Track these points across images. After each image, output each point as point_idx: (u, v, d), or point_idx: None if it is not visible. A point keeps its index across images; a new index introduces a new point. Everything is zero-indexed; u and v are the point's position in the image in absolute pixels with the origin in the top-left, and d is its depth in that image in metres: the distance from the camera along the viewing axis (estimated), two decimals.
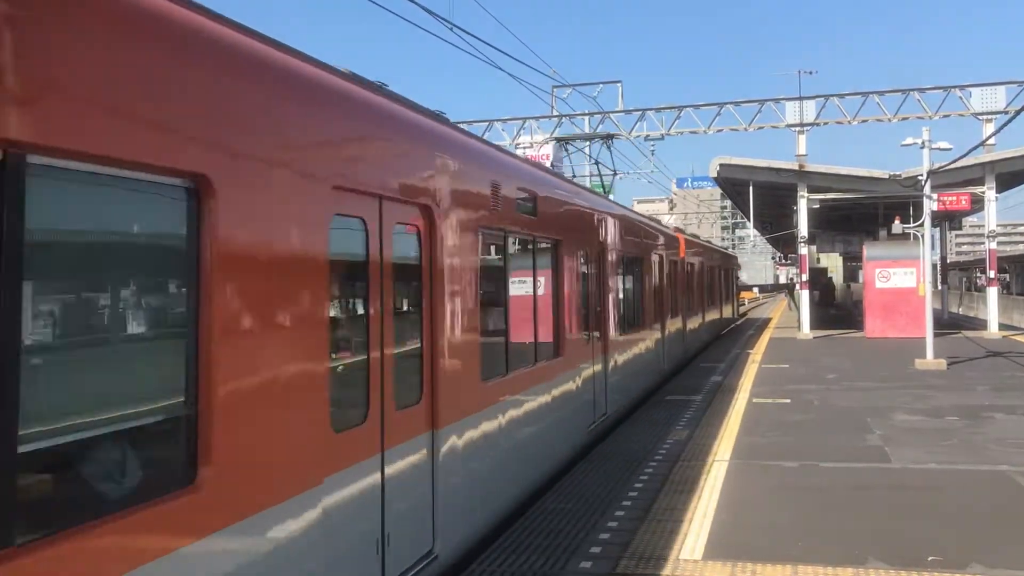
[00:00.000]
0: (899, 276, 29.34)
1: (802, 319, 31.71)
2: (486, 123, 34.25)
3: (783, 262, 66.26)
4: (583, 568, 6.77)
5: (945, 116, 30.09)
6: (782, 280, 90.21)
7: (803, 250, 32.47)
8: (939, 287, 42.95)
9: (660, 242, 18.58)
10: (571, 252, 10.76)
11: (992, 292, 31.72)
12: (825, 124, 31.60)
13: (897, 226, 27.07)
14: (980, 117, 29.89)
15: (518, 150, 33.33)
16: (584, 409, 11.37)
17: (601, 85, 34.95)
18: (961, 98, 29.86)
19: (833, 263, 52.76)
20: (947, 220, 38.11)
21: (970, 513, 8.17)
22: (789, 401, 15.34)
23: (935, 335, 21.44)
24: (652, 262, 17.24)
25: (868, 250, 30.99)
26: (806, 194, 31.47)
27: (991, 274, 31.95)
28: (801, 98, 31.49)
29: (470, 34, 14.72)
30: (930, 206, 22.66)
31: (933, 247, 27.59)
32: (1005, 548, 7.08)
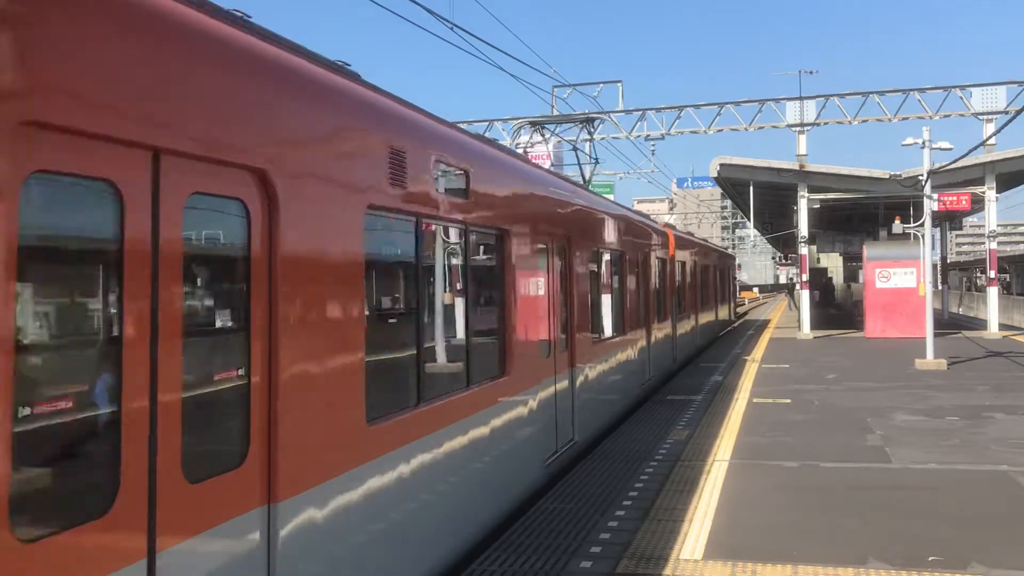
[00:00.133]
0: (899, 276, 29.34)
1: (802, 319, 31.71)
2: (486, 123, 34.24)
3: (783, 262, 66.16)
4: (583, 568, 6.77)
5: (945, 116, 30.08)
6: (782, 280, 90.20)
7: (803, 250, 32.46)
8: (939, 287, 42.93)
9: (645, 238, 16.85)
10: (524, 246, 8.81)
11: (992, 292, 31.72)
12: (825, 124, 31.60)
13: (897, 226, 27.05)
14: (980, 117, 29.89)
15: (518, 150, 33.30)
16: (540, 438, 9.35)
17: (601, 85, 34.94)
18: (961, 98, 29.85)
19: (833, 263, 52.71)
20: (947, 220, 38.15)
21: (970, 513, 8.16)
22: (789, 401, 15.34)
23: (935, 335, 21.43)
24: (635, 260, 15.50)
25: (868, 250, 31.00)
26: (806, 194, 31.47)
27: (991, 274, 31.95)
28: (801, 98, 31.49)
29: (471, 34, 14.73)
30: (930, 206, 22.66)
31: (933, 247, 27.57)
32: (1005, 548, 7.08)
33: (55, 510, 3.20)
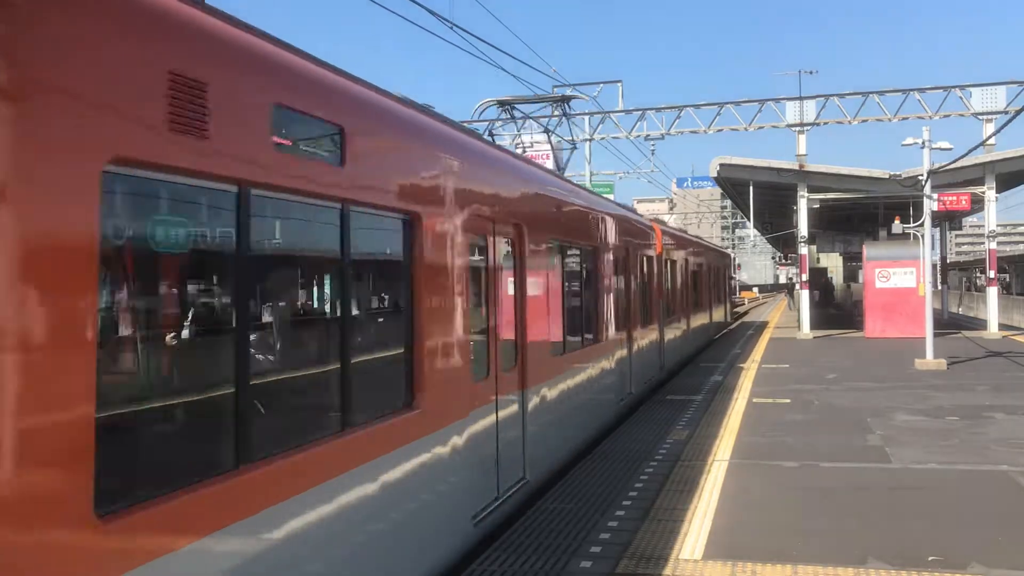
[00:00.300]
0: (899, 276, 29.36)
1: (802, 319, 31.72)
2: (486, 123, 34.22)
3: (783, 262, 66.21)
4: (583, 568, 6.77)
5: (945, 116, 30.06)
6: (782, 280, 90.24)
7: (803, 250, 32.48)
8: (939, 287, 42.95)
9: (627, 233, 14.96)
10: (445, 236, 6.83)
11: (992, 292, 31.73)
12: (825, 124, 31.56)
13: (897, 226, 27.04)
14: (980, 117, 29.87)
15: (517, 149, 33.29)
16: (467, 488, 7.14)
17: (601, 85, 34.97)
18: (961, 98, 29.85)
19: (833, 263, 52.77)
20: (947, 220, 38.16)
21: (970, 513, 8.17)
22: (789, 401, 15.34)
23: (935, 335, 21.43)
24: (614, 258, 13.71)
25: (868, 250, 31.01)
26: (806, 194, 31.48)
27: (991, 274, 31.97)
28: (801, 98, 31.48)
29: (471, 34, 14.75)
30: (930, 206, 22.66)
31: (933, 247, 27.59)
32: (1005, 548, 7.09)
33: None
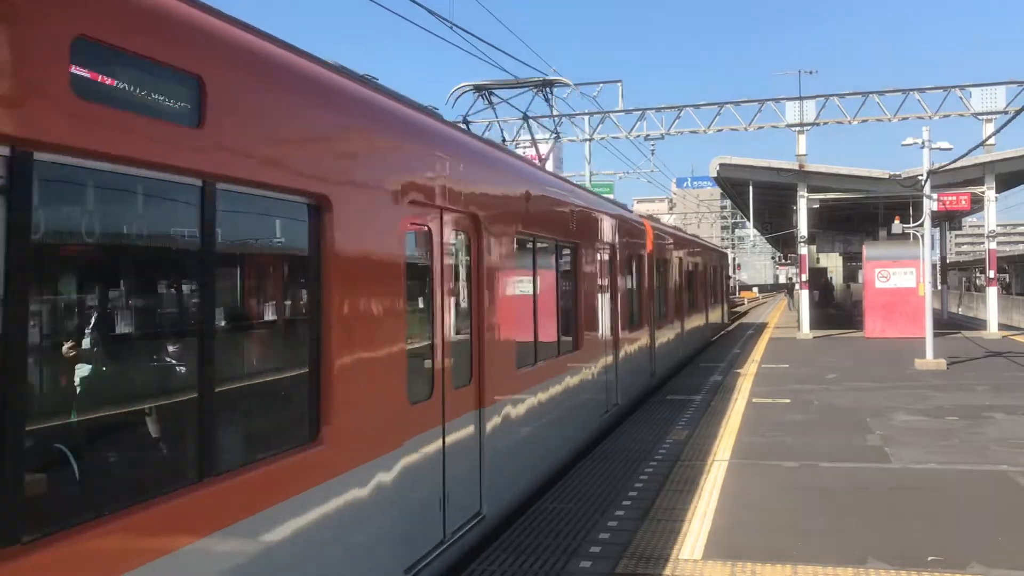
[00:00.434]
0: (899, 276, 29.35)
1: (802, 319, 31.72)
2: (486, 123, 34.22)
3: (783, 262, 66.24)
4: (583, 568, 6.78)
5: (945, 116, 30.05)
6: (782, 280, 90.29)
7: (803, 250, 32.47)
8: (939, 287, 42.95)
9: (614, 229, 13.68)
10: (366, 227, 5.42)
11: (992, 292, 31.73)
12: (825, 124, 31.56)
13: (897, 226, 27.05)
14: (980, 117, 29.87)
15: (517, 149, 33.29)
16: (396, 537, 5.78)
17: (601, 85, 34.95)
18: (961, 98, 29.84)
19: (833, 263, 52.77)
20: (947, 220, 38.14)
21: (970, 513, 8.17)
22: (789, 401, 15.34)
23: (935, 335, 21.44)
24: (599, 256, 12.61)
25: (868, 250, 31.01)
26: (806, 194, 31.48)
27: (991, 274, 31.96)
28: (801, 98, 31.47)
29: (471, 33, 14.74)
30: (930, 206, 22.66)
31: (933, 247, 27.57)
32: (1005, 548, 7.09)
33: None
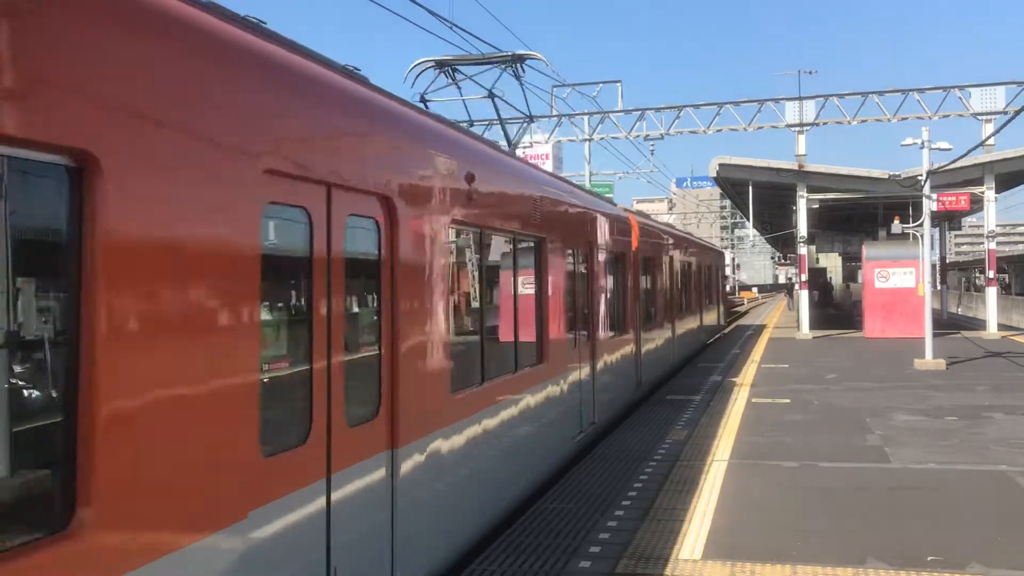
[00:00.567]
0: (898, 276, 29.37)
1: (801, 319, 31.72)
2: (485, 123, 34.21)
3: (783, 262, 66.22)
4: (583, 568, 6.77)
5: (945, 116, 30.08)
6: (781, 280, 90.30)
7: (802, 250, 32.48)
8: (938, 287, 42.96)
9: (590, 223, 12.03)
10: (190, 198, 3.70)
11: (991, 292, 31.74)
12: (825, 124, 31.58)
13: (896, 226, 27.06)
14: (979, 117, 29.89)
15: (517, 150, 33.22)
16: None
17: (601, 85, 34.98)
18: (960, 98, 29.86)
19: (832, 263, 52.83)
20: (946, 220, 38.14)
21: (969, 513, 8.17)
22: (789, 401, 15.34)
23: (934, 335, 21.44)
24: (569, 253, 10.89)
25: (867, 250, 31.03)
26: (805, 194, 31.48)
27: (990, 274, 31.98)
28: (801, 98, 31.49)
29: (470, 33, 14.73)
30: (929, 206, 22.66)
31: (932, 247, 27.56)
32: (1005, 548, 7.09)
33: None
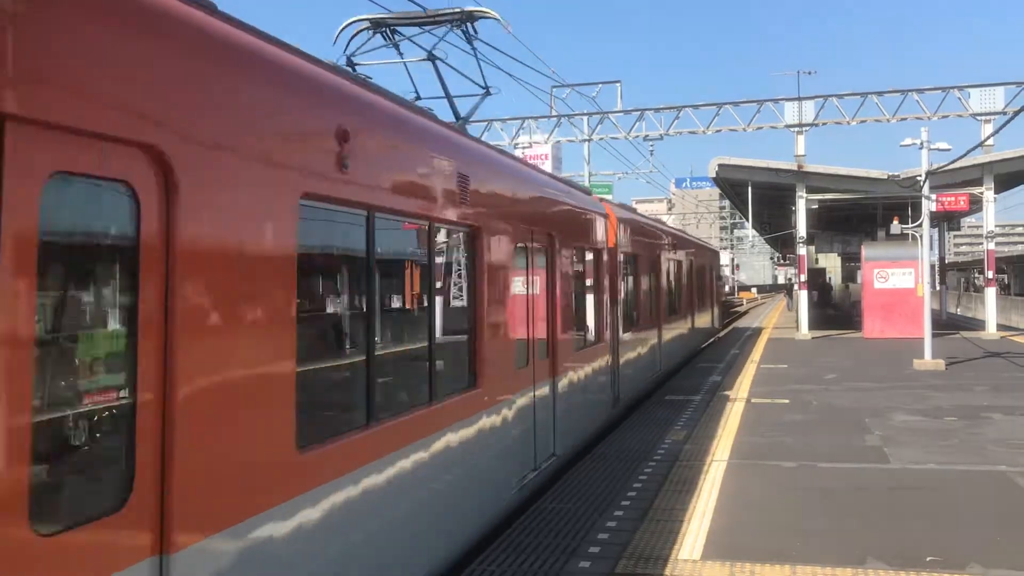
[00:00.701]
0: (897, 276, 29.38)
1: (800, 320, 31.73)
2: (485, 123, 34.23)
3: (782, 262, 66.31)
4: (582, 568, 6.77)
5: (944, 117, 30.08)
6: (780, 280, 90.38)
7: (802, 250, 32.48)
8: (937, 288, 42.99)
9: (549, 212, 10.21)
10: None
11: (990, 293, 31.76)
12: (824, 124, 31.60)
13: (896, 227, 27.09)
14: (979, 118, 29.90)
15: (516, 150, 33.27)
16: None
17: (600, 85, 35.02)
18: (960, 99, 29.87)
19: (832, 263, 52.86)
20: (945, 221, 38.17)
21: (969, 513, 8.17)
22: (788, 401, 15.34)
23: (933, 335, 21.45)
24: (516, 249, 8.78)
25: (866, 250, 31.04)
26: (805, 194, 31.49)
27: (989, 275, 31.99)
28: (800, 98, 31.50)
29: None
30: (929, 207, 22.67)
31: (931, 248, 27.58)
32: (1004, 548, 7.09)
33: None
